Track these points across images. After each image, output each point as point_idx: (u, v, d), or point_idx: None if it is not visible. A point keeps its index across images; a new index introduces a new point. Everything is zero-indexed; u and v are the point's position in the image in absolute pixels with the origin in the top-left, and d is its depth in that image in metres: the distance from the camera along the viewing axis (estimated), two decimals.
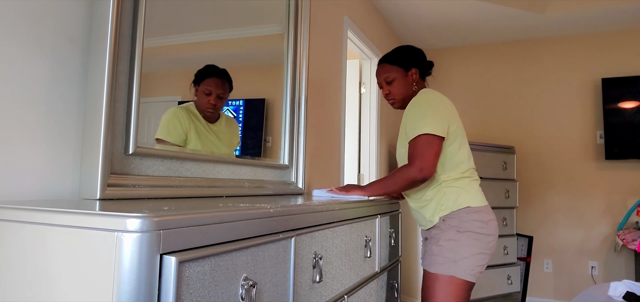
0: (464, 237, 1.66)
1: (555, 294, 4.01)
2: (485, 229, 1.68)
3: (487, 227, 1.69)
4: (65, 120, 1.09)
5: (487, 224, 1.70)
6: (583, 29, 3.98)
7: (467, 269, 1.64)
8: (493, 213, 1.77)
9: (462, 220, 1.68)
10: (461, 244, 1.65)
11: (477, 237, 1.66)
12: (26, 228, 0.78)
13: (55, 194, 1.06)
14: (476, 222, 1.68)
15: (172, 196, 1.27)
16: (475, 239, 1.66)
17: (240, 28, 1.43)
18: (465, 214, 1.69)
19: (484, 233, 1.68)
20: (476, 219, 1.68)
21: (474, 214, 1.69)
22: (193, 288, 0.74)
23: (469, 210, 1.69)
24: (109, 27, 1.07)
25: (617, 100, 3.82)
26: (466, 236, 1.66)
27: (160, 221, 0.68)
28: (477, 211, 1.70)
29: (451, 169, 1.75)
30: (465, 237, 1.66)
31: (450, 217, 1.70)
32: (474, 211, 1.70)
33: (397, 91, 1.88)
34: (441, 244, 1.68)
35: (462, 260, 1.64)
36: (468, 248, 1.65)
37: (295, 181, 1.97)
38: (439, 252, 1.68)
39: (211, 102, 1.41)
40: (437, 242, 1.70)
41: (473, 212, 1.69)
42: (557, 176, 4.07)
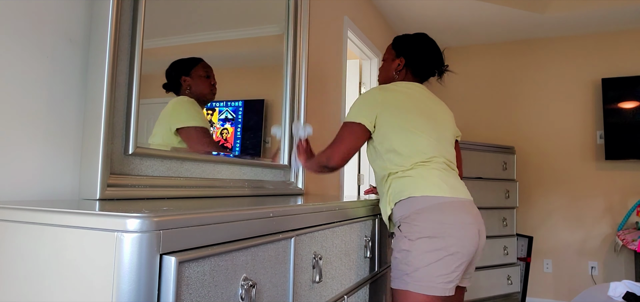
0: (417, 245, 1.44)
1: (555, 295, 4.01)
2: (442, 230, 1.44)
3: (444, 228, 1.44)
4: (65, 120, 1.09)
5: (443, 225, 1.44)
6: (583, 29, 3.98)
7: (429, 282, 1.41)
8: (460, 204, 1.50)
9: (413, 224, 1.46)
10: (413, 254, 1.43)
11: (432, 242, 1.43)
12: (26, 228, 0.78)
13: (55, 194, 1.06)
14: (430, 223, 1.44)
15: (172, 196, 1.27)
16: (432, 246, 1.43)
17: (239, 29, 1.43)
18: (415, 215, 1.46)
19: (437, 236, 1.43)
20: (431, 219, 1.44)
21: (426, 213, 1.45)
22: (193, 288, 0.74)
23: (418, 207, 1.46)
24: (108, 27, 1.07)
25: (617, 100, 3.82)
26: (418, 245, 1.43)
27: (159, 221, 0.68)
28: (428, 209, 1.46)
29: (404, 159, 1.54)
30: (418, 246, 1.43)
31: (400, 217, 1.51)
32: (427, 209, 1.45)
33: (380, 73, 1.83)
34: (395, 255, 1.49)
35: (417, 271, 1.42)
36: (423, 257, 1.42)
37: (294, 181, 1.97)
38: (395, 266, 1.49)
39: (213, 83, 1.37)
40: (393, 253, 1.52)
41: (426, 211, 1.45)
42: (557, 176, 4.07)
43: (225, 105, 1.64)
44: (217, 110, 1.61)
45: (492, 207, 3.52)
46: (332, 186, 2.79)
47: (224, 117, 1.64)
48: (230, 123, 1.66)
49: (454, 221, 1.46)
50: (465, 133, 4.38)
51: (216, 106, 1.61)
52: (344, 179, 2.96)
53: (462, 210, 1.49)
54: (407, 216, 1.49)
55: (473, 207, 1.56)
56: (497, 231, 3.54)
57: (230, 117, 1.66)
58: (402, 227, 1.50)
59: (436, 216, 1.45)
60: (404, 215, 1.50)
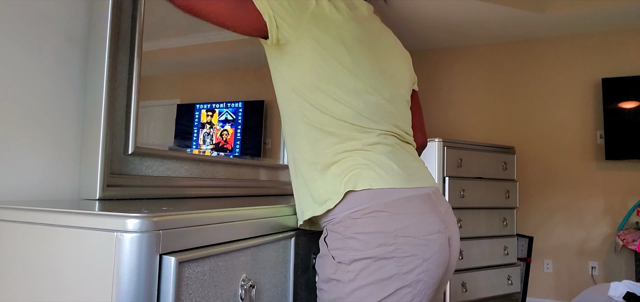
0: (352, 273, 0.89)
1: (555, 295, 4.01)
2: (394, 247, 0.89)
3: (398, 243, 0.89)
4: (65, 120, 1.09)
5: (395, 238, 0.89)
6: (583, 29, 3.98)
7: None
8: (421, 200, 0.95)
9: (346, 237, 0.91)
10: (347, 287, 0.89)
11: (378, 268, 0.88)
12: (26, 228, 0.78)
13: (55, 194, 1.06)
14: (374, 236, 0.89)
15: (171, 196, 1.27)
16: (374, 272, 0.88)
17: None
18: (350, 221, 0.91)
19: (394, 256, 0.89)
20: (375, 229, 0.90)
21: (368, 218, 0.91)
22: (193, 288, 0.74)
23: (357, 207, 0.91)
24: (108, 26, 1.07)
25: (617, 100, 3.82)
26: (354, 272, 0.89)
27: (159, 221, 0.68)
28: (372, 211, 0.91)
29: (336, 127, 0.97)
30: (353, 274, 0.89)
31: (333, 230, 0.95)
32: (369, 212, 0.91)
33: None
34: (320, 287, 0.95)
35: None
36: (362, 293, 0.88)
37: None
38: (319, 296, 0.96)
39: None
40: (317, 281, 0.97)
41: (368, 215, 0.91)
42: (557, 176, 4.07)
43: (225, 107, 1.64)
44: (217, 112, 1.61)
45: (492, 207, 3.52)
46: None
47: (224, 118, 1.64)
48: (230, 124, 1.66)
49: (413, 229, 0.91)
50: (466, 133, 4.38)
51: (216, 107, 1.61)
52: None
53: (426, 209, 0.95)
54: (337, 222, 0.94)
55: (439, 199, 1.01)
56: (497, 231, 3.54)
57: (230, 118, 1.66)
58: (328, 240, 0.95)
59: (385, 222, 0.90)
60: (332, 220, 0.95)
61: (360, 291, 0.88)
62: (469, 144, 3.45)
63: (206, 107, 1.56)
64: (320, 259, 0.97)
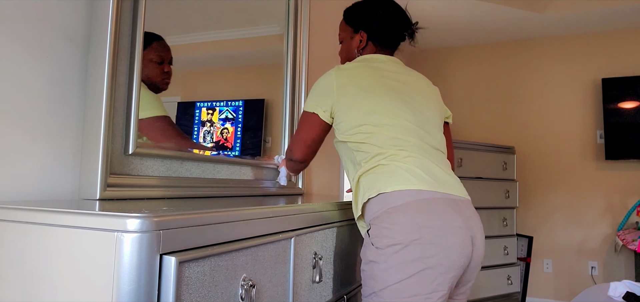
0: (386, 255, 1.13)
1: (555, 295, 4.01)
2: (419, 235, 1.12)
3: (422, 232, 1.12)
4: (65, 120, 1.09)
5: (420, 228, 1.12)
6: (583, 29, 3.98)
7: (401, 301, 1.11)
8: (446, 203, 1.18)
9: (382, 228, 1.16)
10: (381, 266, 1.14)
11: (406, 251, 1.12)
12: (26, 228, 0.78)
13: (55, 194, 1.06)
14: (403, 226, 1.13)
15: (172, 196, 1.27)
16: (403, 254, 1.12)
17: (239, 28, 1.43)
18: (385, 215, 1.16)
19: (410, 241, 1.12)
20: (405, 221, 1.14)
21: (399, 213, 1.15)
22: (193, 288, 0.74)
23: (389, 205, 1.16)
24: (108, 27, 1.07)
25: (617, 100, 3.82)
26: (387, 255, 1.13)
27: (159, 221, 0.68)
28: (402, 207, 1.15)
29: (372, 147, 1.26)
30: (387, 256, 1.13)
31: (373, 224, 1.20)
32: (400, 208, 1.15)
33: (341, 54, 1.55)
34: (363, 268, 1.21)
35: (383, 290, 1.14)
36: (393, 271, 1.12)
37: (295, 181, 1.97)
38: (363, 280, 1.22)
39: (166, 71, 1.13)
40: (361, 265, 1.24)
41: (398, 210, 1.15)
42: (557, 176, 4.07)
43: (225, 105, 1.64)
44: (218, 110, 1.61)
45: (492, 207, 3.52)
46: (332, 186, 2.79)
47: (224, 116, 1.64)
48: (231, 123, 1.66)
49: (436, 223, 1.14)
50: (466, 133, 4.38)
51: (216, 106, 1.61)
52: (344, 179, 2.96)
53: (449, 210, 1.17)
54: (376, 217, 1.19)
55: (467, 207, 1.23)
56: (497, 231, 3.54)
57: (231, 116, 1.66)
58: (370, 232, 1.20)
59: (412, 216, 1.14)
60: (373, 216, 1.20)
61: (391, 270, 1.12)
62: (469, 144, 3.45)
63: (206, 105, 1.56)
64: (364, 247, 1.23)
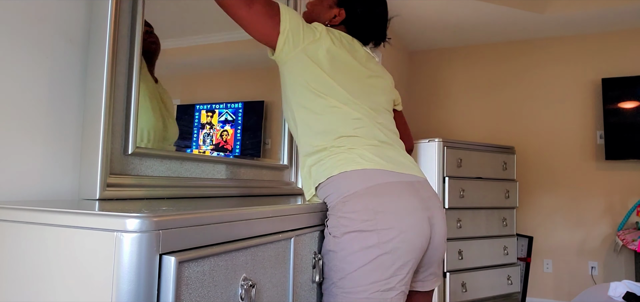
0: (343, 243, 1.11)
1: (555, 295, 4.01)
2: (374, 221, 1.09)
3: (377, 218, 1.10)
4: (65, 120, 1.09)
5: (376, 214, 1.10)
6: (583, 29, 3.98)
7: (354, 290, 1.09)
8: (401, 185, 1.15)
9: (337, 216, 1.13)
10: (339, 255, 1.11)
11: (362, 238, 1.09)
12: (26, 228, 0.78)
13: (55, 194, 1.06)
14: (358, 213, 1.10)
15: (171, 196, 1.27)
16: (359, 241, 1.09)
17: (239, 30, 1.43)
18: (341, 204, 1.13)
19: (374, 229, 1.09)
20: (359, 208, 1.11)
21: (354, 200, 1.12)
22: (192, 288, 0.74)
23: (345, 192, 1.13)
24: (108, 27, 1.08)
25: (617, 100, 3.82)
26: (345, 243, 1.11)
27: (159, 221, 0.69)
28: (357, 194, 1.12)
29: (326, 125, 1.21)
30: (344, 244, 1.11)
31: (330, 213, 1.17)
32: (355, 195, 1.12)
33: (308, 7, 1.43)
34: (325, 259, 1.16)
35: (341, 279, 1.11)
36: (351, 258, 1.09)
37: (294, 181, 1.97)
38: (325, 273, 1.16)
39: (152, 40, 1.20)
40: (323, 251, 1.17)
41: (354, 197, 1.12)
42: (557, 176, 4.07)
43: (225, 107, 1.64)
44: (217, 112, 1.61)
45: (492, 207, 3.52)
46: None
47: (224, 118, 1.64)
48: (230, 125, 1.66)
49: (391, 206, 1.11)
50: (465, 133, 4.39)
51: (216, 108, 1.61)
52: None
53: (405, 192, 1.14)
54: (332, 206, 1.16)
55: (424, 187, 1.20)
56: (497, 231, 3.54)
57: (230, 118, 1.67)
58: (328, 222, 1.16)
59: (366, 201, 1.11)
60: (329, 203, 1.18)
61: (349, 258, 1.10)
62: (469, 144, 3.45)
63: (206, 108, 1.56)
64: (324, 237, 1.19)
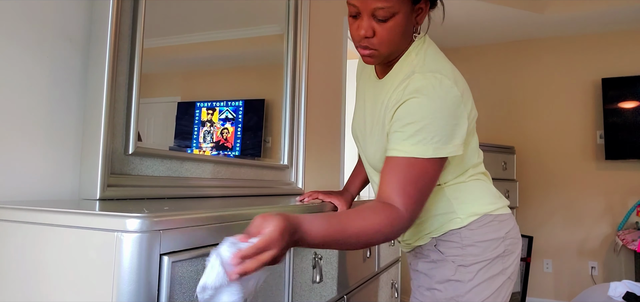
0: (470, 272, 1.05)
1: (555, 295, 4.01)
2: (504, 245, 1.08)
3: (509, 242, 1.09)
4: (65, 120, 1.09)
5: (504, 241, 1.08)
6: (583, 29, 3.98)
7: None
8: (511, 217, 1.15)
9: (470, 242, 1.07)
10: (466, 285, 1.05)
11: (492, 265, 1.07)
12: (26, 228, 0.78)
13: (55, 194, 1.06)
14: (492, 241, 1.07)
15: (172, 196, 1.27)
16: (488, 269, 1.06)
17: (239, 28, 1.43)
18: (478, 231, 1.07)
19: (501, 254, 1.08)
20: (493, 237, 1.08)
21: (485, 228, 1.08)
22: (187, 287, 0.74)
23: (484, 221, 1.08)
24: (108, 27, 1.07)
25: (617, 100, 3.82)
26: (474, 270, 1.06)
27: (159, 221, 0.68)
28: (488, 223, 1.08)
29: (463, 163, 1.12)
30: (472, 272, 1.06)
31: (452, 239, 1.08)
32: (484, 223, 1.08)
33: (388, 37, 1.01)
34: (436, 287, 1.08)
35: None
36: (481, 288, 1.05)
37: (295, 181, 1.97)
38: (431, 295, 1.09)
39: None
40: (429, 284, 1.10)
41: (485, 226, 1.08)
42: (557, 176, 4.07)
43: (225, 105, 1.64)
44: (218, 110, 1.61)
45: None
46: (332, 186, 2.79)
47: (224, 116, 1.64)
48: (231, 123, 1.66)
49: (513, 232, 1.12)
50: None
51: (216, 106, 1.61)
52: (344, 179, 2.97)
53: (514, 222, 1.16)
54: (454, 232, 1.08)
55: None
56: None
57: (231, 116, 1.66)
58: (442, 248, 1.09)
59: (496, 229, 1.08)
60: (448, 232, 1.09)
61: (477, 288, 1.04)
62: None
63: (207, 105, 1.56)
64: (433, 263, 1.09)
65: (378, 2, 0.97)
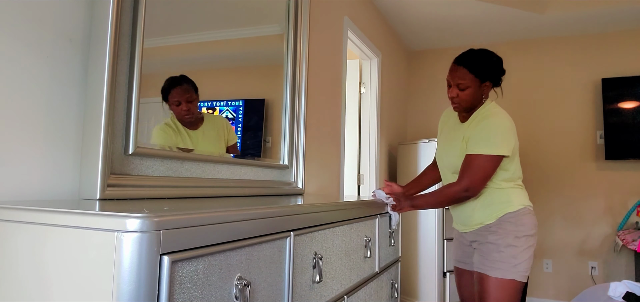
0: (521, 241, 1.75)
1: (555, 294, 4.01)
2: (535, 229, 1.81)
3: (535, 228, 1.81)
4: (65, 120, 1.09)
5: (535, 225, 1.81)
6: (583, 29, 3.98)
7: (525, 271, 1.75)
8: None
9: (518, 224, 1.76)
10: (519, 249, 1.74)
11: (529, 240, 1.76)
12: (26, 228, 0.78)
13: (55, 194, 1.06)
14: (529, 225, 1.77)
15: (172, 196, 1.27)
16: (529, 242, 1.77)
17: (240, 28, 1.43)
18: (519, 216, 1.77)
19: (533, 234, 1.79)
20: (529, 222, 1.77)
21: (527, 216, 1.78)
22: (186, 287, 0.74)
23: (524, 211, 1.78)
24: (108, 27, 1.07)
25: (617, 100, 3.82)
26: (523, 241, 1.75)
27: (160, 221, 0.68)
28: (527, 212, 1.79)
29: (502, 176, 1.80)
30: (523, 242, 1.75)
31: (506, 220, 1.77)
32: (526, 213, 1.78)
33: (467, 99, 1.83)
34: (501, 250, 1.76)
35: (520, 264, 1.73)
36: (525, 252, 1.75)
37: (295, 181, 1.97)
38: (500, 258, 1.75)
39: (184, 110, 1.45)
40: (497, 248, 1.77)
41: (525, 214, 1.78)
42: (557, 176, 4.07)
43: (225, 105, 1.64)
44: (218, 110, 1.61)
45: None
46: (332, 186, 2.79)
47: (225, 116, 1.64)
48: (231, 122, 1.66)
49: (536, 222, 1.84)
50: None
51: (217, 105, 1.61)
52: (344, 179, 2.96)
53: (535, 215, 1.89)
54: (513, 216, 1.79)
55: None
56: None
57: (231, 116, 1.66)
58: (505, 226, 1.78)
59: (531, 218, 1.81)
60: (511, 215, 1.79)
61: (524, 251, 1.75)
62: None
63: (207, 105, 1.56)
64: (496, 235, 1.78)
65: (459, 80, 1.82)
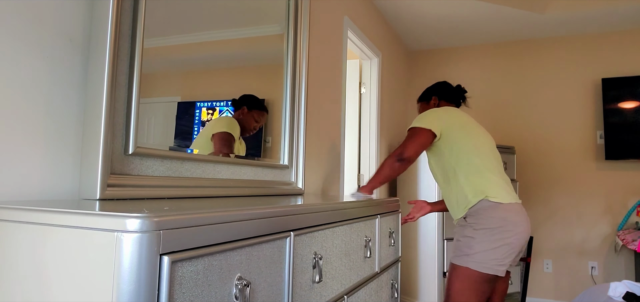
0: (479, 234, 1.85)
1: (555, 295, 4.01)
2: (498, 223, 1.84)
3: (501, 221, 1.84)
4: (65, 120, 1.09)
5: (501, 218, 1.84)
6: (583, 29, 3.98)
7: (484, 262, 1.84)
8: (518, 210, 1.89)
9: (478, 217, 1.86)
10: (477, 240, 1.85)
11: (489, 233, 1.83)
12: (26, 228, 0.78)
13: (55, 194, 1.06)
14: (487, 218, 1.84)
15: (172, 196, 1.27)
16: (494, 235, 1.83)
17: (240, 28, 1.43)
18: (480, 211, 1.86)
19: (495, 228, 1.84)
20: (488, 216, 1.84)
21: (487, 210, 1.85)
22: (186, 287, 0.74)
23: (483, 205, 1.86)
24: (108, 27, 1.07)
25: (617, 100, 3.82)
26: (482, 233, 1.85)
27: (160, 221, 0.68)
28: (488, 206, 1.86)
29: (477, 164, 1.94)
30: (481, 234, 1.85)
31: (470, 214, 1.90)
32: (486, 207, 1.86)
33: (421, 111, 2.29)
34: (459, 240, 1.92)
35: (477, 254, 1.84)
36: (485, 244, 1.84)
37: (295, 181, 1.97)
38: (457, 246, 1.93)
39: (253, 126, 1.77)
40: (457, 238, 1.95)
41: (486, 209, 1.85)
42: (557, 176, 4.07)
43: (225, 105, 1.64)
44: (218, 110, 1.61)
45: None
46: (333, 186, 2.79)
47: (225, 116, 1.64)
48: None
49: (512, 217, 1.86)
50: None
51: (216, 106, 1.61)
52: (344, 179, 2.96)
53: (518, 210, 1.92)
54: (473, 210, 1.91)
55: (523, 209, 1.98)
56: None
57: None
58: (469, 219, 1.92)
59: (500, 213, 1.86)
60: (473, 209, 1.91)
61: (483, 243, 1.84)
62: None
63: (207, 105, 1.56)
64: (462, 228, 1.93)
65: (418, 106, 2.38)
